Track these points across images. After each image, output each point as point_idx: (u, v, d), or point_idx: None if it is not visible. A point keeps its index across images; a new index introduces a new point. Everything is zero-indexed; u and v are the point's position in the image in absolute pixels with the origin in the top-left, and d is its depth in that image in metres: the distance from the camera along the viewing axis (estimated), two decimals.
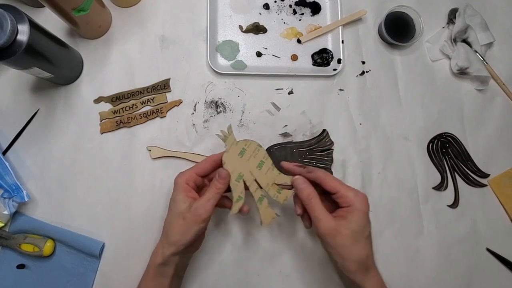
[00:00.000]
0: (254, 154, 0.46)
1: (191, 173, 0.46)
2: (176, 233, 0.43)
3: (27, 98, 0.57)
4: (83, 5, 0.49)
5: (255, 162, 0.46)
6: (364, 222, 0.43)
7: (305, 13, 0.63)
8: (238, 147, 0.46)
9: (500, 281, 0.58)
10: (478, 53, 0.63)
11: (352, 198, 0.43)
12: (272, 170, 0.47)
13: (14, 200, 0.52)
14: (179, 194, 0.45)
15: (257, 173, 0.46)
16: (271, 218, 0.46)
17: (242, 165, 0.46)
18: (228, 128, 0.47)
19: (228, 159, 0.45)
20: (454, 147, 0.61)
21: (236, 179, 0.45)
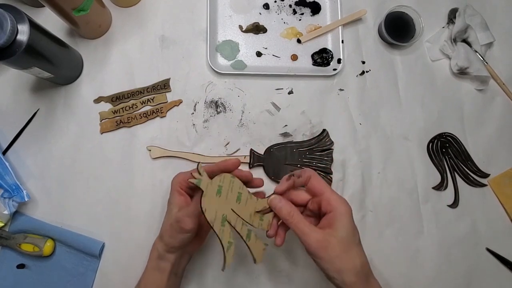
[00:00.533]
0: (231, 188, 0.42)
1: (184, 177, 0.46)
2: (166, 235, 0.45)
3: (27, 98, 0.57)
4: (83, 5, 0.49)
5: (233, 196, 0.42)
6: (352, 226, 0.42)
7: (305, 13, 0.63)
8: (213, 186, 0.41)
9: (500, 281, 0.58)
10: (478, 53, 0.63)
11: (336, 201, 0.42)
12: (251, 199, 0.43)
13: (14, 200, 0.52)
14: (172, 196, 0.46)
15: (238, 208, 0.42)
16: (262, 250, 0.43)
17: (222, 205, 0.41)
18: (199, 168, 0.41)
19: (208, 204, 0.40)
20: (454, 147, 0.61)
21: (221, 223, 0.41)
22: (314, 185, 0.44)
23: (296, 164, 0.58)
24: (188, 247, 0.47)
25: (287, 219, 0.42)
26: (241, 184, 0.43)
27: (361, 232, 0.56)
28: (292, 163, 0.58)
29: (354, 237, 0.42)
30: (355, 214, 0.57)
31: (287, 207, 0.42)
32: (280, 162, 0.58)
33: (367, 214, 0.58)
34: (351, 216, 0.42)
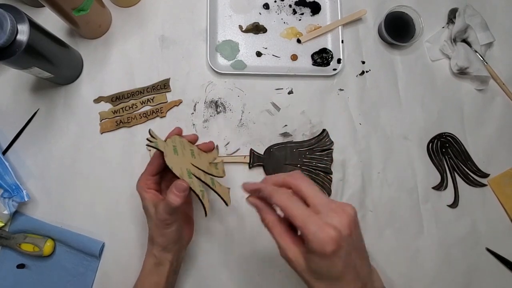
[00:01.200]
0: (183, 146, 0.46)
1: (146, 177, 0.46)
2: (156, 236, 0.45)
3: (27, 98, 0.57)
4: (83, 5, 0.49)
5: (188, 153, 0.46)
6: (326, 265, 0.33)
7: (305, 13, 0.63)
8: (169, 146, 0.44)
9: (500, 281, 0.58)
10: (478, 53, 0.63)
11: (312, 236, 0.32)
12: (201, 153, 0.48)
13: (14, 200, 0.52)
14: (144, 201, 0.46)
15: (195, 162, 0.46)
16: (228, 193, 0.47)
17: (183, 161, 0.45)
18: (151, 132, 0.44)
19: (171, 161, 0.43)
20: (454, 147, 0.61)
21: (188, 176, 0.44)
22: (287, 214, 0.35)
23: (296, 164, 0.58)
24: (182, 239, 0.47)
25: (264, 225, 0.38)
26: (188, 143, 0.47)
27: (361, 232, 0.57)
28: (292, 163, 0.58)
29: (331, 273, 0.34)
30: None
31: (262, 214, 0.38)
32: (280, 162, 0.58)
33: (367, 214, 0.58)
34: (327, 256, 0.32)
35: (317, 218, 0.33)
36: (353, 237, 0.34)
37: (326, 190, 0.57)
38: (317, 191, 0.36)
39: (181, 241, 0.48)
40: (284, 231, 0.36)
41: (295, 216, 0.34)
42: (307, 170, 0.58)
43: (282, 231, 0.36)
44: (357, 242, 0.35)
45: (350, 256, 0.33)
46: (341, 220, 0.33)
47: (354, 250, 0.34)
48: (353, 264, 0.34)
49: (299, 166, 0.58)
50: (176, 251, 0.47)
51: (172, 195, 0.41)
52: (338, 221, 0.33)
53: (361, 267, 0.35)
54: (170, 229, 0.44)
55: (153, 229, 0.45)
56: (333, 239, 0.32)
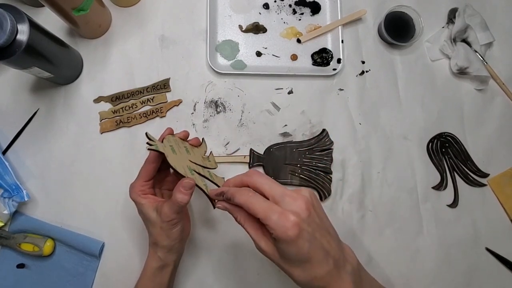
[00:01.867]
0: (178, 145, 0.46)
1: (140, 183, 0.46)
2: (163, 240, 0.45)
3: (27, 97, 0.57)
4: (83, 5, 0.49)
5: (183, 151, 0.47)
6: (294, 250, 0.35)
7: (305, 13, 0.63)
8: (167, 147, 0.44)
9: (499, 281, 0.58)
10: (478, 53, 0.63)
11: (274, 225, 0.34)
12: (193, 149, 0.49)
13: (14, 200, 0.52)
14: (141, 206, 0.45)
15: (192, 158, 0.47)
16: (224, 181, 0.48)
17: (181, 159, 0.45)
18: (149, 135, 0.44)
19: (173, 161, 0.43)
20: (453, 147, 0.61)
21: (191, 173, 0.45)
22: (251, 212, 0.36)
23: (296, 164, 0.58)
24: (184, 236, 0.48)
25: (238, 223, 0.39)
26: (181, 140, 0.48)
27: (361, 232, 0.57)
28: (292, 163, 0.58)
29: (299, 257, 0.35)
30: (355, 213, 0.58)
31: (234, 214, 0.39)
32: (280, 162, 0.58)
33: (366, 214, 0.58)
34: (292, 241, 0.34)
35: (276, 208, 0.35)
36: (313, 217, 0.36)
37: (326, 190, 0.57)
38: (272, 183, 0.37)
39: (184, 238, 0.48)
40: (254, 226, 0.38)
41: (256, 210, 0.36)
42: (307, 170, 0.58)
43: (253, 226, 0.38)
44: (320, 221, 0.37)
45: (314, 236, 0.35)
46: (298, 204, 0.35)
47: (317, 230, 0.36)
48: (319, 244, 0.36)
49: (299, 166, 0.58)
50: (178, 251, 0.47)
51: (180, 193, 0.42)
52: (296, 206, 0.35)
53: (329, 244, 0.36)
54: (176, 228, 0.44)
55: (158, 233, 0.45)
56: (294, 224, 0.34)
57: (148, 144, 0.43)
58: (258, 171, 0.40)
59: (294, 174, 0.57)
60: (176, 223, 0.44)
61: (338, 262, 0.37)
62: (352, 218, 0.58)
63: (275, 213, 0.34)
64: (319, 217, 0.37)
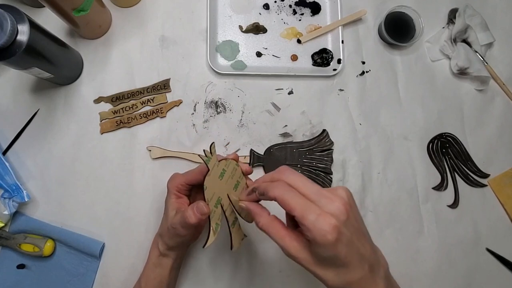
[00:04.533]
0: (232, 175, 0.43)
1: (181, 181, 0.46)
2: (165, 236, 0.46)
3: (27, 98, 0.57)
4: (83, 5, 0.49)
5: (232, 183, 0.43)
6: (330, 254, 0.33)
7: (305, 13, 0.63)
8: (219, 168, 0.42)
9: (500, 281, 0.58)
10: (478, 53, 0.63)
11: (312, 226, 0.32)
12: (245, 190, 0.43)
13: (14, 200, 0.52)
14: (169, 199, 0.46)
15: (233, 196, 0.43)
16: (240, 240, 0.44)
17: (221, 188, 0.42)
18: (212, 148, 0.42)
19: (209, 183, 0.41)
20: (454, 147, 0.61)
21: (215, 204, 0.42)
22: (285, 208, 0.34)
23: (296, 164, 0.58)
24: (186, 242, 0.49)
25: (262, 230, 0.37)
26: (241, 173, 0.44)
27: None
28: (292, 163, 0.58)
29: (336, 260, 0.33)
30: None
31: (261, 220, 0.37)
32: (280, 162, 0.58)
33: (367, 214, 0.58)
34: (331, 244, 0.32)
35: (314, 207, 0.33)
36: (351, 220, 0.33)
37: None
38: (306, 181, 0.35)
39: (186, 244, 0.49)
40: (281, 230, 0.36)
41: (293, 206, 0.33)
42: (307, 170, 0.58)
43: (279, 230, 0.36)
44: (356, 224, 0.34)
45: (352, 240, 0.33)
46: (336, 205, 0.33)
47: (355, 233, 0.34)
48: (356, 248, 0.33)
49: (299, 166, 0.58)
50: (179, 251, 0.48)
51: (191, 212, 0.41)
52: (334, 208, 0.32)
53: (364, 248, 0.34)
54: (179, 238, 0.45)
55: (165, 229, 0.46)
56: (333, 227, 0.31)
57: (204, 153, 0.41)
58: (289, 167, 0.37)
59: None
60: (178, 234, 0.44)
61: (373, 266, 0.35)
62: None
63: (313, 213, 0.32)
64: (356, 220, 0.35)
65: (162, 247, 0.46)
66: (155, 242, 0.48)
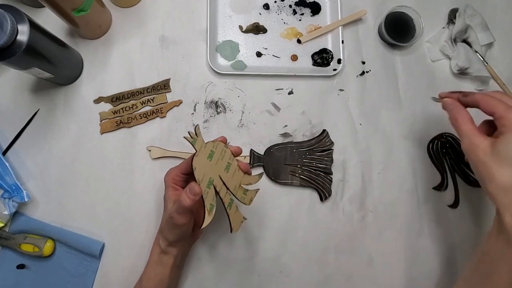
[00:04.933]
0: (222, 156, 0.44)
1: (176, 172, 0.47)
2: (165, 230, 0.46)
3: (27, 98, 0.57)
4: (83, 6, 0.49)
5: (223, 164, 0.44)
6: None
7: (305, 13, 0.63)
8: (207, 149, 0.43)
9: None
10: (478, 53, 0.63)
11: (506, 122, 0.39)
12: (238, 171, 0.45)
13: (14, 200, 0.52)
14: (167, 192, 0.47)
15: (225, 176, 0.44)
16: (240, 222, 0.45)
17: (211, 169, 0.43)
18: (196, 129, 0.43)
19: (198, 164, 0.42)
20: (454, 147, 0.61)
21: (207, 185, 0.42)
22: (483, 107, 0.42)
23: (296, 165, 0.58)
24: (188, 239, 0.48)
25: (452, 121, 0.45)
26: (232, 155, 0.45)
27: (362, 232, 0.57)
28: (292, 163, 0.58)
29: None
30: (356, 214, 0.58)
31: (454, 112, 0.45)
32: (280, 162, 0.58)
33: (367, 215, 0.58)
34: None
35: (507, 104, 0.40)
36: None
37: (326, 191, 0.57)
38: None
39: (187, 240, 0.49)
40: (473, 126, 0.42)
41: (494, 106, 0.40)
42: (307, 170, 0.58)
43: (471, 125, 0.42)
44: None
45: None
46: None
47: None
48: None
49: (299, 167, 0.58)
50: (180, 247, 0.48)
51: (185, 195, 0.42)
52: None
53: None
54: (178, 229, 0.45)
55: (164, 223, 0.46)
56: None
57: (189, 134, 0.42)
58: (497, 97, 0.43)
59: (294, 174, 0.57)
60: (175, 223, 0.43)
61: None
62: (353, 218, 0.57)
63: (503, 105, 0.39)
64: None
65: (163, 243, 0.46)
66: (156, 240, 0.48)
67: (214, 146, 0.44)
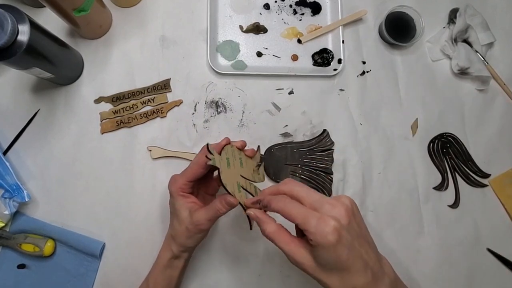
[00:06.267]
0: (234, 157, 0.45)
1: (183, 181, 0.46)
2: (182, 238, 0.45)
3: (28, 98, 0.57)
4: (83, 6, 0.49)
5: (237, 163, 0.45)
6: (332, 256, 0.33)
7: (305, 13, 0.63)
8: (223, 161, 0.44)
9: (500, 282, 0.58)
10: (478, 53, 0.63)
11: (313, 229, 0.33)
12: (247, 161, 0.46)
13: (15, 200, 0.52)
14: (177, 202, 0.46)
15: (243, 171, 0.45)
16: None
17: (234, 174, 0.44)
18: (210, 149, 0.43)
19: (225, 178, 0.43)
20: (454, 147, 0.61)
21: (238, 190, 0.44)
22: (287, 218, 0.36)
23: (297, 164, 0.58)
24: None
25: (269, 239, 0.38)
26: (238, 150, 0.46)
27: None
28: (293, 163, 0.58)
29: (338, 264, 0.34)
30: None
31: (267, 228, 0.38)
32: (280, 162, 0.58)
33: (367, 214, 0.58)
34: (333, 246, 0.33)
35: (315, 213, 0.34)
36: (353, 225, 0.35)
37: (326, 190, 0.57)
38: (309, 191, 0.37)
39: None
40: (287, 237, 0.37)
41: (294, 215, 0.35)
42: (308, 170, 0.58)
43: (285, 237, 0.37)
44: (359, 230, 0.36)
45: (353, 245, 0.34)
46: (338, 210, 0.34)
47: (356, 238, 0.35)
48: (358, 253, 0.35)
49: (300, 166, 0.58)
50: (192, 250, 0.48)
51: (220, 205, 0.42)
52: (336, 212, 0.34)
53: (367, 255, 0.35)
54: (201, 234, 0.45)
55: (181, 231, 0.45)
56: (334, 228, 0.33)
57: (207, 158, 0.42)
58: (293, 180, 0.40)
59: (294, 174, 0.57)
60: (203, 229, 0.44)
61: (376, 274, 0.36)
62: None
63: (314, 217, 0.34)
64: (359, 226, 0.36)
65: (177, 249, 0.46)
66: (166, 246, 0.47)
67: (226, 153, 0.44)
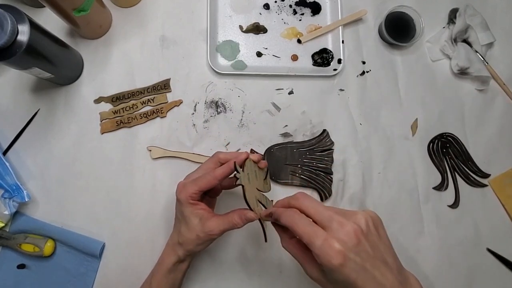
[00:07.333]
0: (251, 170, 0.45)
1: (194, 190, 0.45)
2: (192, 244, 0.45)
3: (28, 98, 0.57)
4: (83, 6, 0.49)
5: (253, 177, 0.45)
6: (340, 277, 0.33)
7: (305, 13, 0.63)
8: (245, 176, 0.44)
9: (500, 282, 0.58)
10: (478, 53, 0.63)
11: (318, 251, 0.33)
12: (259, 171, 0.46)
13: (15, 200, 0.52)
14: (186, 209, 0.45)
15: (258, 184, 0.45)
16: None
17: (253, 189, 0.44)
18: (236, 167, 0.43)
19: (249, 195, 0.43)
20: (454, 147, 0.61)
21: (257, 205, 0.44)
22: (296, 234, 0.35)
23: (297, 164, 0.58)
24: None
25: None
26: (253, 163, 0.46)
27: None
28: (293, 163, 0.58)
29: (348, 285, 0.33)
30: None
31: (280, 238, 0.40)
32: (280, 162, 0.58)
33: None
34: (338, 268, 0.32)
35: (322, 233, 0.33)
36: (363, 246, 0.33)
37: (326, 191, 0.57)
38: (318, 207, 0.36)
39: None
40: (300, 250, 0.37)
41: (300, 233, 0.34)
42: (308, 170, 0.58)
43: (299, 250, 0.38)
44: (372, 251, 0.34)
45: (363, 267, 0.33)
46: (346, 230, 0.33)
47: (368, 260, 0.33)
48: (370, 275, 0.33)
49: (300, 166, 0.58)
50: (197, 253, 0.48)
51: (239, 219, 0.43)
52: (343, 233, 0.33)
53: (383, 277, 0.33)
54: (212, 242, 0.46)
55: (190, 238, 0.45)
56: (338, 252, 0.32)
57: (236, 177, 0.43)
58: (305, 193, 0.39)
59: (294, 174, 0.57)
60: (215, 238, 0.45)
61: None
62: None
63: (319, 239, 0.33)
64: (373, 246, 0.34)
65: (184, 253, 0.46)
66: (171, 251, 0.47)
67: (248, 169, 0.44)
